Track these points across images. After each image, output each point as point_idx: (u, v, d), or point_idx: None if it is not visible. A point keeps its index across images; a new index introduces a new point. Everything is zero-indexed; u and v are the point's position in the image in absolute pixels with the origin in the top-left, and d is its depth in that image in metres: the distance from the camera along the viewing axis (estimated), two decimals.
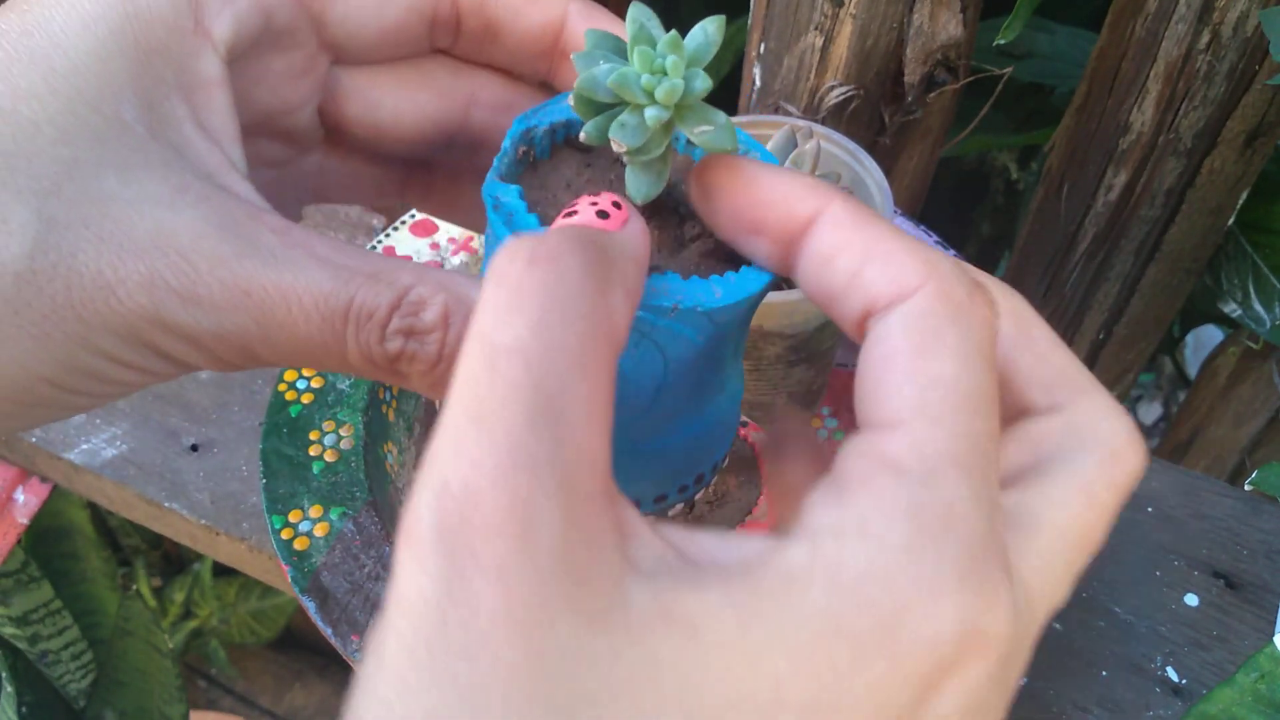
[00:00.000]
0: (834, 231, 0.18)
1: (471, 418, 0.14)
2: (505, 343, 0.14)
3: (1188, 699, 0.44)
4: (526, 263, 0.15)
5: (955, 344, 0.16)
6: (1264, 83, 0.54)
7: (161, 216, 0.19)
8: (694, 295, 0.21)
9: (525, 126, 0.23)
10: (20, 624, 0.76)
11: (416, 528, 0.13)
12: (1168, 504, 0.50)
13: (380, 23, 0.23)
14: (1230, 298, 0.61)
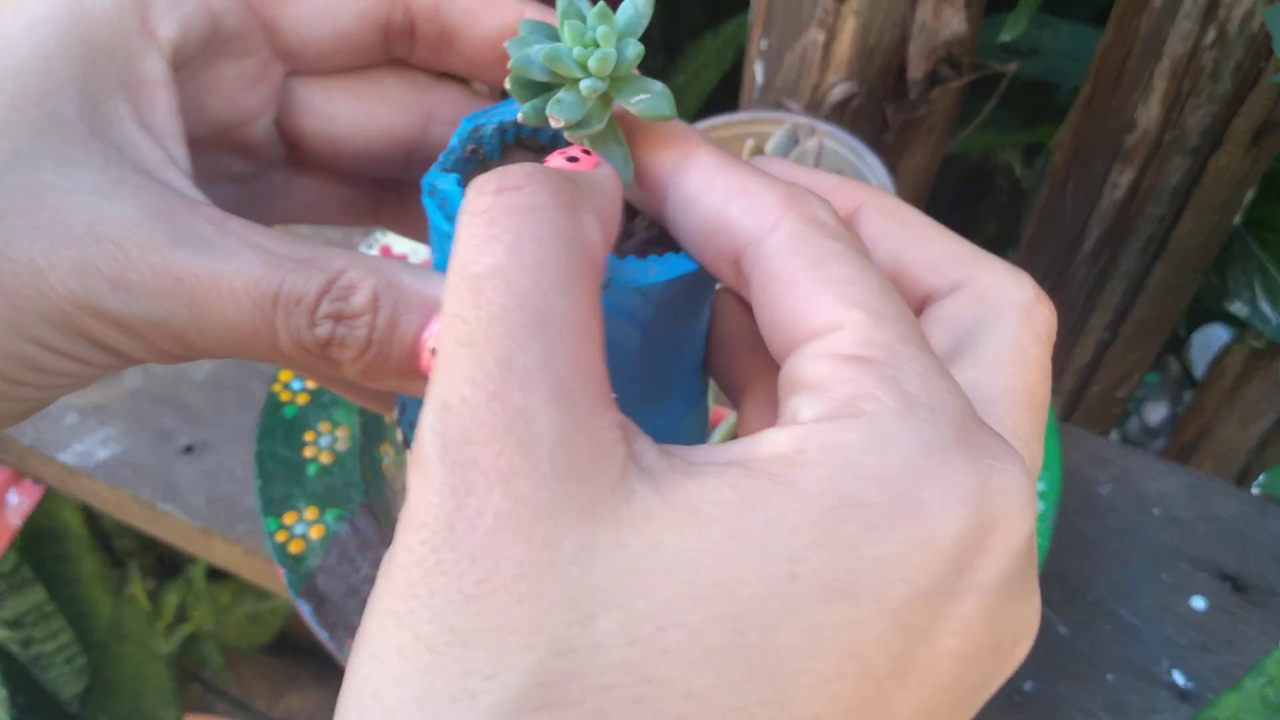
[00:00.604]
0: (698, 175, 0.18)
1: (461, 341, 0.14)
2: (484, 268, 0.15)
3: (1194, 704, 0.44)
4: (494, 192, 0.16)
5: (839, 250, 0.17)
6: (1270, 79, 0.53)
7: (97, 205, 0.19)
8: (628, 273, 0.21)
9: (474, 125, 0.23)
10: (13, 627, 0.75)
11: (421, 449, 0.14)
12: (1174, 506, 0.50)
13: (333, 28, 0.23)
14: (1237, 297, 0.61)
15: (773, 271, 0.17)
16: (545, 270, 0.15)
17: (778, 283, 0.17)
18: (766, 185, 0.18)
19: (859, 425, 0.14)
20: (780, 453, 0.14)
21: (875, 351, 0.15)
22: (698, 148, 0.19)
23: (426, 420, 0.14)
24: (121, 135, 0.20)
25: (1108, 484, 0.51)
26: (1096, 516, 0.50)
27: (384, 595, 0.14)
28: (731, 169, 0.18)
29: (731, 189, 0.18)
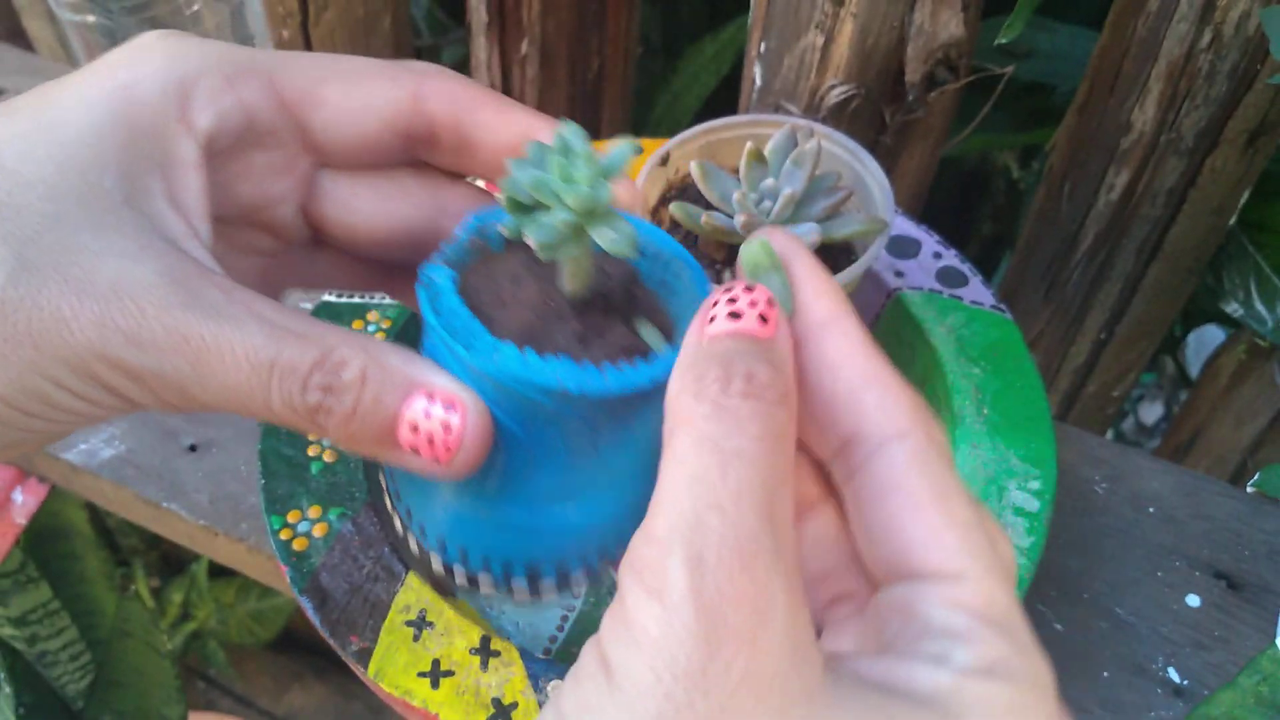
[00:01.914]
0: (845, 343, 0.20)
1: (711, 506, 0.17)
2: (733, 448, 0.17)
3: (1189, 700, 0.44)
4: (742, 396, 0.18)
5: (958, 487, 0.19)
6: (1266, 81, 0.54)
7: (121, 266, 0.21)
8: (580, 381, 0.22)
9: (481, 221, 0.26)
10: (18, 625, 0.76)
11: (670, 581, 0.16)
12: (1169, 505, 0.50)
13: (359, 132, 0.25)
14: (1232, 297, 0.61)
15: (895, 483, 0.19)
16: (777, 469, 0.18)
17: (900, 497, 0.19)
18: (901, 387, 0.20)
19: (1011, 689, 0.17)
20: (943, 694, 0.17)
21: (1002, 615, 0.18)
22: (847, 312, 0.20)
23: (674, 562, 0.16)
24: (152, 207, 0.23)
25: (1103, 483, 0.51)
26: (1092, 515, 0.50)
27: (611, 696, 0.16)
28: (873, 351, 0.20)
29: (870, 374, 0.20)
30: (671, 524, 0.17)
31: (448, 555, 0.27)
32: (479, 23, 0.71)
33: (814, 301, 0.20)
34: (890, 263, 0.50)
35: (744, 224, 0.40)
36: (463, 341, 0.23)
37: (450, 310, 0.23)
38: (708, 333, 0.20)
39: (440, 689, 0.37)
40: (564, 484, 0.25)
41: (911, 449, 0.19)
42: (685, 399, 0.18)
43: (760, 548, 0.17)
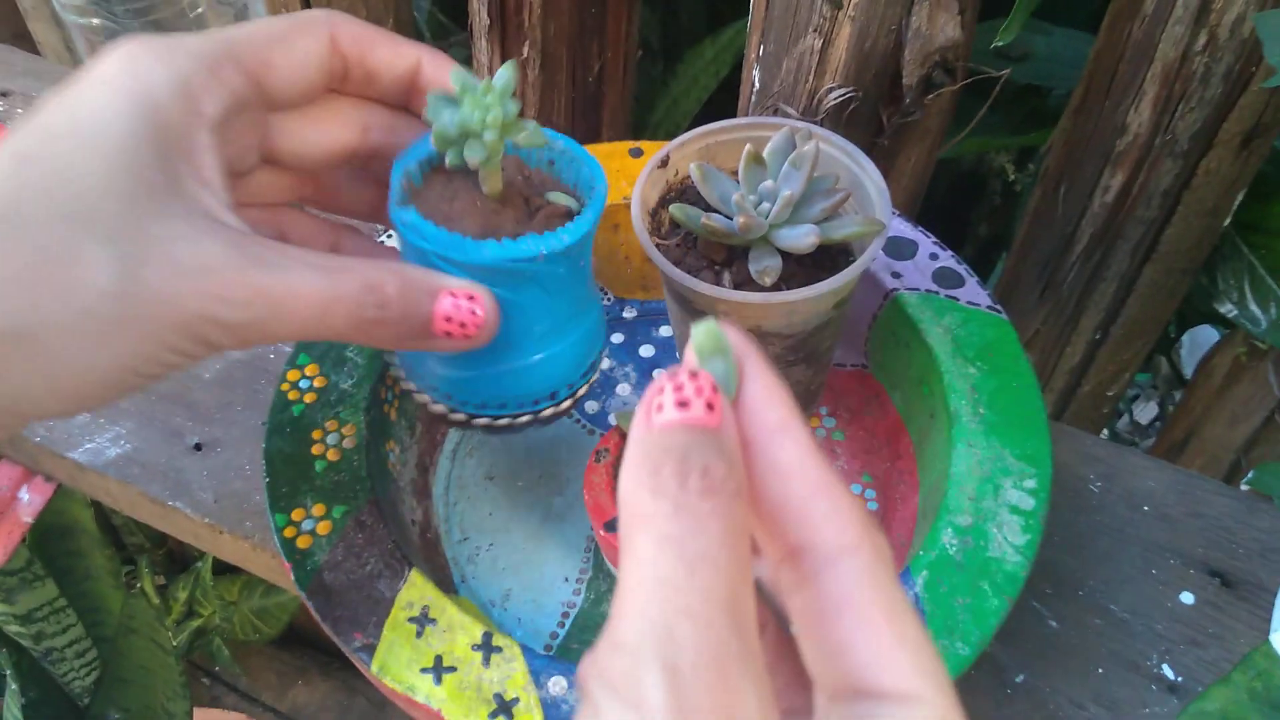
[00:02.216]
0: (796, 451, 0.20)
1: (680, 612, 0.17)
2: (700, 550, 0.18)
3: (1184, 696, 0.44)
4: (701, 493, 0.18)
5: (907, 606, 0.19)
6: (1260, 84, 0.54)
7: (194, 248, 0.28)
8: (550, 243, 0.33)
9: (403, 166, 0.35)
10: (25, 622, 0.76)
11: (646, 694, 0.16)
12: (1164, 503, 0.51)
13: (298, 81, 0.33)
14: (1226, 298, 0.62)
15: (847, 599, 0.19)
16: (739, 568, 0.18)
17: (852, 614, 0.19)
18: (850, 498, 0.20)
19: None
20: None
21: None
22: (797, 418, 0.20)
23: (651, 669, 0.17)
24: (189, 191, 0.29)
25: (1098, 481, 0.51)
26: (1087, 513, 0.50)
27: None
28: (823, 462, 0.20)
29: (821, 484, 0.20)
30: (641, 631, 0.17)
31: (453, 403, 0.38)
32: (480, 26, 0.71)
33: (765, 405, 0.20)
34: (887, 264, 0.50)
35: (743, 225, 0.41)
36: (456, 251, 0.32)
37: (434, 235, 0.33)
38: (656, 422, 0.19)
39: (443, 685, 0.37)
40: (538, 332, 0.36)
41: (862, 564, 0.19)
42: (642, 495, 0.18)
43: (731, 653, 0.17)
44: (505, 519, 0.50)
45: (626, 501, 0.19)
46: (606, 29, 0.73)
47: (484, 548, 0.49)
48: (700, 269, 0.44)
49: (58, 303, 0.27)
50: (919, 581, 0.40)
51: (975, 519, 0.42)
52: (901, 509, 0.48)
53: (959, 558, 0.40)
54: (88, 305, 0.27)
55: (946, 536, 0.41)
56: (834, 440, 0.52)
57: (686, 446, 0.19)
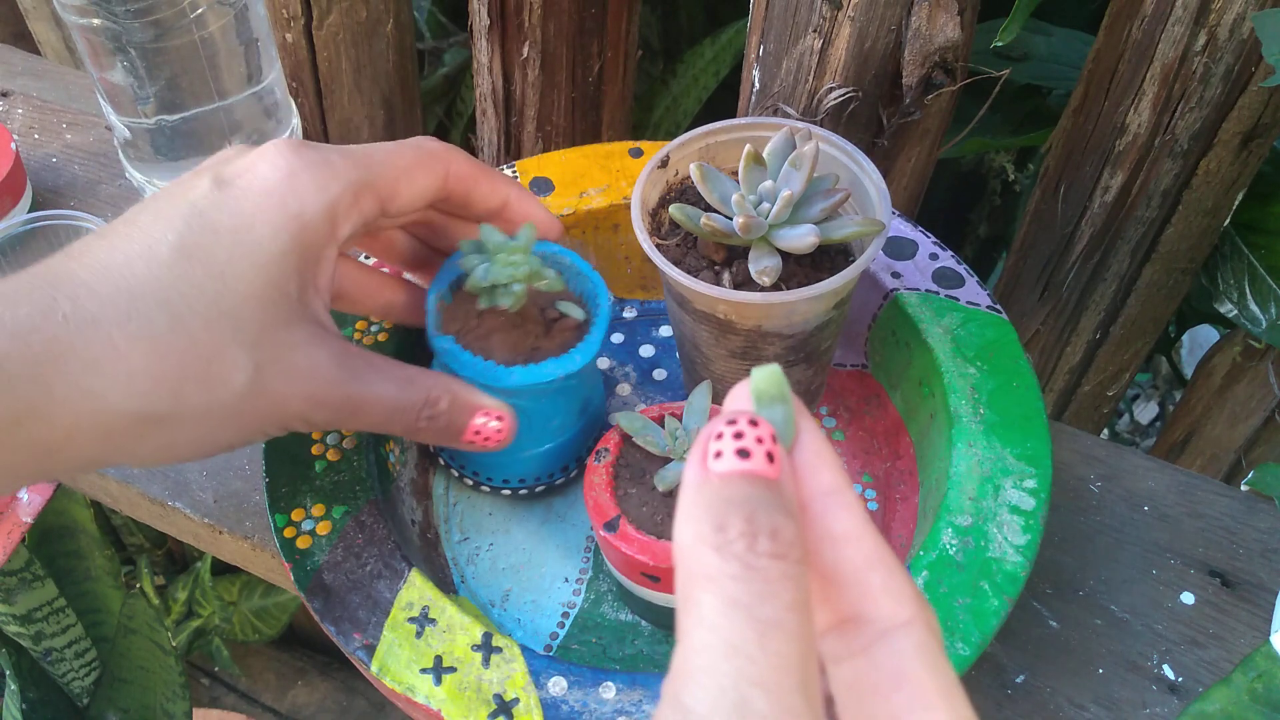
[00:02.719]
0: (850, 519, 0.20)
1: (754, 683, 0.17)
2: (768, 617, 0.17)
3: (1184, 697, 0.44)
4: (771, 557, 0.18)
5: (956, 681, 0.19)
6: (1259, 84, 0.54)
7: (309, 354, 0.34)
8: (566, 366, 0.42)
9: (436, 292, 0.43)
10: (24, 622, 0.76)
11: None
12: (1164, 503, 0.51)
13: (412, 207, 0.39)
14: (1226, 298, 0.62)
15: (903, 675, 0.19)
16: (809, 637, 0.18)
17: (910, 691, 0.19)
18: (904, 573, 0.20)
19: None
20: None
21: None
22: (849, 484, 0.20)
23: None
24: (310, 300, 0.34)
25: (1098, 481, 0.51)
26: (1087, 513, 0.50)
27: None
28: (875, 530, 0.20)
29: (876, 554, 0.20)
30: (714, 702, 0.17)
31: (480, 479, 0.48)
32: (480, 26, 0.71)
33: (819, 467, 0.20)
34: (887, 264, 0.50)
35: (742, 225, 0.41)
36: (488, 377, 0.41)
37: (469, 362, 0.41)
38: (715, 470, 0.19)
39: (443, 685, 0.37)
40: (554, 427, 0.46)
41: (918, 641, 0.19)
42: (705, 553, 0.18)
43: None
44: (505, 519, 0.50)
45: (687, 556, 0.18)
46: (606, 29, 0.73)
47: (484, 548, 0.49)
48: (700, 269, 0.44)
49: (200, 394, 0.32)
50: (919, 581, 0.40)
51: (975, 519, 0.42)
52: (901, 509, 0.48)
53: (959, 558, 0.40)
54: (223, 399, 0.32)
55: (946, 536, 0.41)
56: (834, 440, 0.52)
57: (752, 502, 0.18)
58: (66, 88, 0.72)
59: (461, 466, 0.49)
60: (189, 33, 0.50)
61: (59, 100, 0.71)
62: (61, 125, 0.69)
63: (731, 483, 0.19)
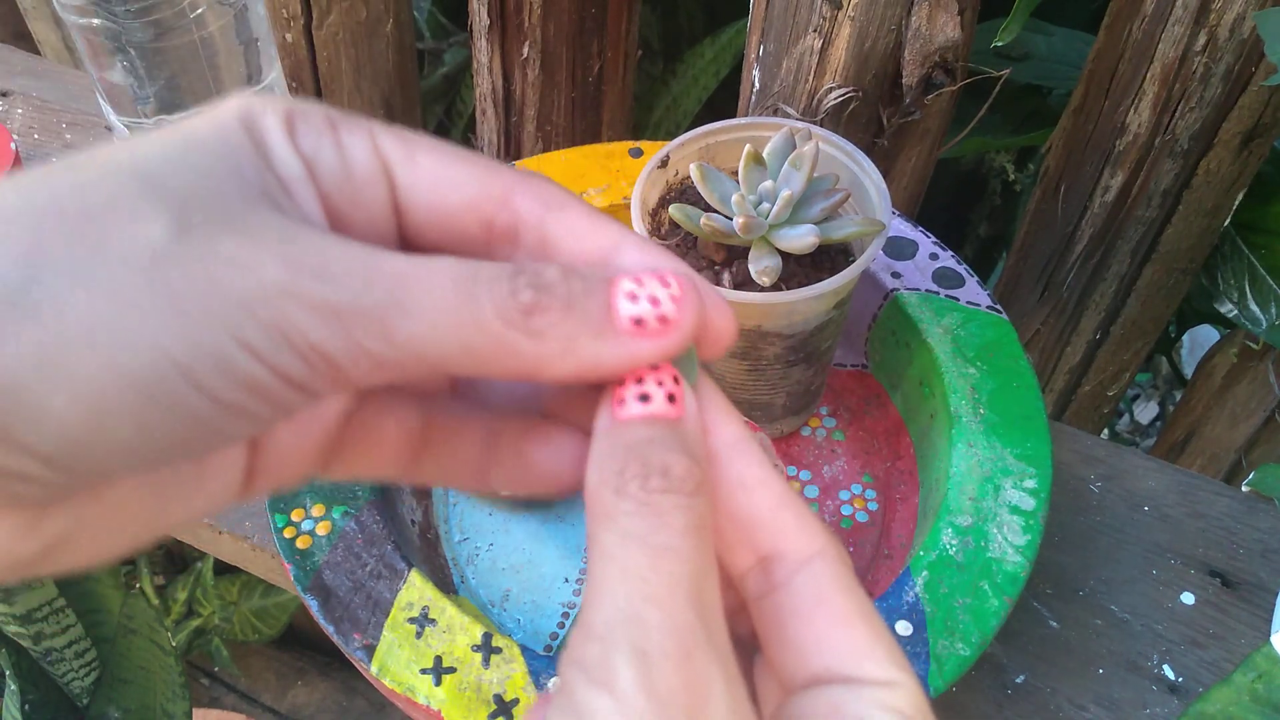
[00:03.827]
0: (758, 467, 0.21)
1: (646, 600, 0.18)
2: (662, 543, 0.18)
3: (1184, 697, 0.44)
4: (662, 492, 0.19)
5: (869, 603, 0.21)
6: (1260, 84, 0.54)
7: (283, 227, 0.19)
8: None
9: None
10: (24, 622, 0.76)
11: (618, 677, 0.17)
12: (1164, 503, 0.51)
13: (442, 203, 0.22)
14: (1226, 298, 0.62)
15: (821, 598, 0.20)
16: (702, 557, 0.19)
17: (829, 611, 0.20)
18: (810, 511, 0.21)
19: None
20: None
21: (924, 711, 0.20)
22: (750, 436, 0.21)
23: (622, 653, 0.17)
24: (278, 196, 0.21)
25: (1098, 481, 0.51)
26: (1087, 513, 0.50)
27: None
28: (780, 475, 0.21)
29: (785, 496, 0.21)
30: (610, 620, 0.18)
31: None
32: (480, 26, 0.71)
33: (724, 423, 0.21)
34: (887, 264, 0.50)
35: (742, 225, 0.41)
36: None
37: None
38: (619, 416, 0.20)
39: (442, 685, 0.37)
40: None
41: (832, 568, 0.21)
42: (606, 494, 0.19)
43: (698, 638, 0.18)
44: (505, 519, 0.50)
45: (591, 498, 0.19)
46: (606, 29, 0.73)
47: (484, 548, 0.49)
48: (700, 269, 0.44)
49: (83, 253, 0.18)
50: (919, 582, 0.40)
51: (975, 519, 0.41)
52: (902, 509, 0.48)
53: (959, 558, 0.40)
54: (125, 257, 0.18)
55: (947, 537, 0.41)
56: (834, 440, 0.52)
57: (648, 443, 0.19)
58: (66, 88, 0.72)
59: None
60: (189, 32, 0.50)
61: (59, 100, 0.71)
62: (61, 125, 0.69)
63: (630, 427, 0.20)
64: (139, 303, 0.18)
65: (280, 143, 0.21)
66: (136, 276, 0.18)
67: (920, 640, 0.38)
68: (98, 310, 0.17)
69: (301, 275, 0.18)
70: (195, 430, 0.19)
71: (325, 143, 0.22)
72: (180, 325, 0.18)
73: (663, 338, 0.20)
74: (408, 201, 0.22)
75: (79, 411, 0.17)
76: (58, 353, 0.17)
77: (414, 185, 0.22)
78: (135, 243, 0.18)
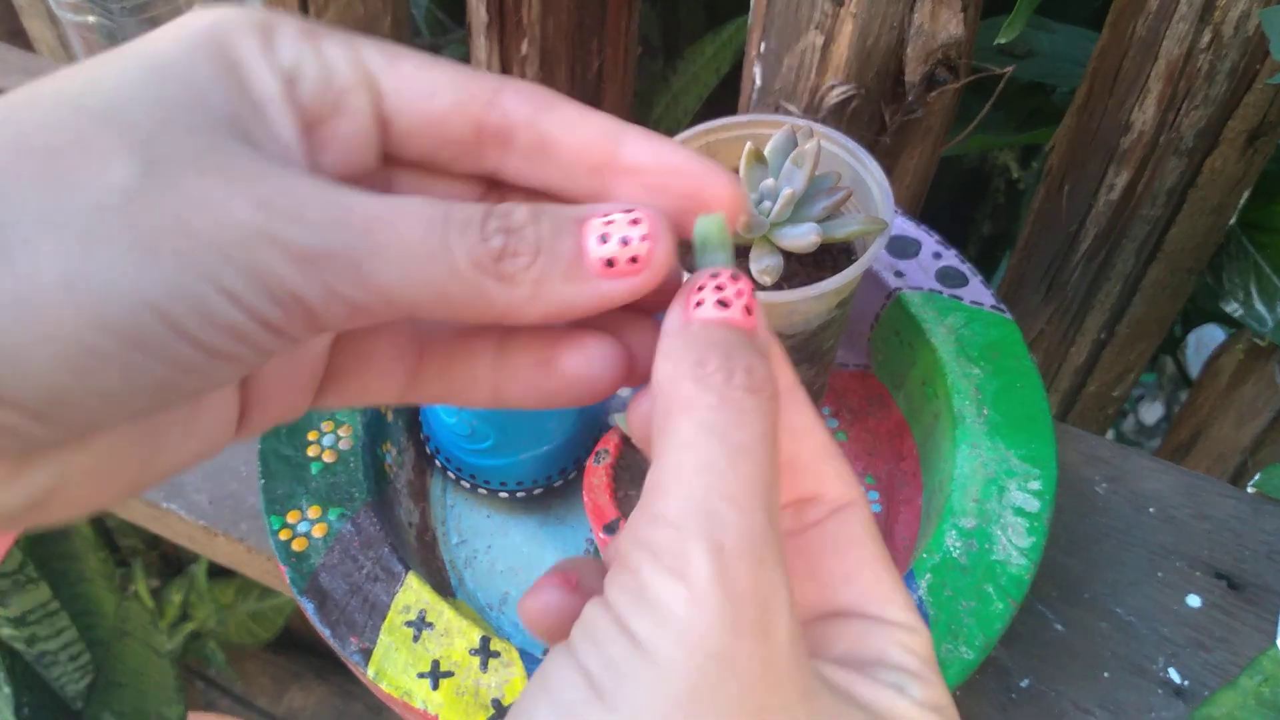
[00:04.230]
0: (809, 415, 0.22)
1: (723, 497, 0.18)
2: (741, 442, 0.18)
3: (1190, 701, 0.44)
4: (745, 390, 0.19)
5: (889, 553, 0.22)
6: (1265, 82, 0.54)
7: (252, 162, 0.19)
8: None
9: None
10: (18, 625, 0.76)
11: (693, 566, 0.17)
12: (1170, 505, 0.50)
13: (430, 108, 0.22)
14: (1232, 297, 0.61)
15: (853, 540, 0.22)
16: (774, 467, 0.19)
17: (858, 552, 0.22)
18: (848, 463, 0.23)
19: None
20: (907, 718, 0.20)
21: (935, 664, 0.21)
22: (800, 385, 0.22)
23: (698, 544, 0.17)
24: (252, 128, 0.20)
25: (1103, 483, 0.51)
26: (1092, 515, 0.50)
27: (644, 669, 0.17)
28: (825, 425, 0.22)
29: (830, 446, 0.22)
30: (685, 510, 0.18)
31: (478, 482, 0.48)
32: (479, 23, 0.71)
33: (783, 368, 0.21)
34: (890, 263, 0.50)
35: (743, 224, 0.40)
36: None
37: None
38: (697, 316, 0.20)
39: (440, 689, 0.37)
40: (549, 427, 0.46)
41: (864, 517, 0.22)
42: (686, 385, 0.19)
43: (769, 544, 0.18)
44: (503, 521, 0.49)
45: (667, 388, 0.19)
46: (606, 26, 0.72)
47: (482, 550, 0.48)
48: None
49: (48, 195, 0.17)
50: (923, 584, 0.40)
51: (980, 521, 0.41)
52: (905, 511, 0.48)
53: (963, 560, 0.40)
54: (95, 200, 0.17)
55: (951, 539, 0.41)
56: (836, 441, 0.52)
57: (730, 344, 0.20)
58: None
59: (459, 469, 0.48)
60: None
61: None
62: None
63: (711, 327, 0.20)
64: (113, 247, 0.17)
65: (256, 59, 0.20)
66: (109, 219, 0.17)
67: None
68: (72, 256, 0.17)
69: (274, 217, 0.18)
70: (179, 375, 0.18)
71: (305, 51, 0.21)
72: (156, 270, 0.17)
73: (633, 277, 0.20)
74: (393, 108, 0.22)
75: (60, 361, 0.17)
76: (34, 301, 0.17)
77: (398, 90, 0.22)
78: (104, 184, 0.18)
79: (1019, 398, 0.45)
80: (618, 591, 0.18)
